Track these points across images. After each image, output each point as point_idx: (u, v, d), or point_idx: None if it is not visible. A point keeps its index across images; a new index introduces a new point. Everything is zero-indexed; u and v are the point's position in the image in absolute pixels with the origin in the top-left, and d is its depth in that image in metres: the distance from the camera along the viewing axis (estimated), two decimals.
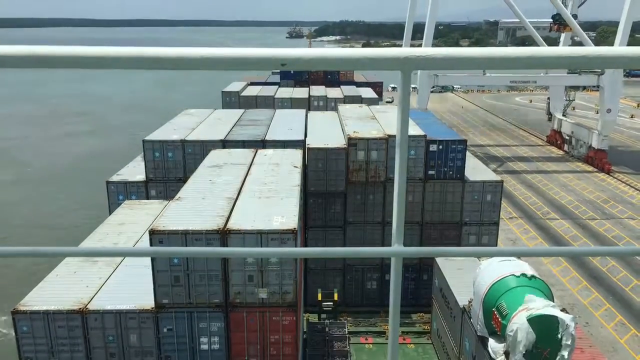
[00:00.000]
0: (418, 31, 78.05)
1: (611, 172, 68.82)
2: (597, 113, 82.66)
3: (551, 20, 76.24)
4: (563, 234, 49.94)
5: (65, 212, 57.62)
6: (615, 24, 73.18)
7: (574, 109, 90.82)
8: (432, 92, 76.74)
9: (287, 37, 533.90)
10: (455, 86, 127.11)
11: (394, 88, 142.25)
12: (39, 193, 64.36)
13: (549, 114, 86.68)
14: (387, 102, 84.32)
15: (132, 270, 20.63)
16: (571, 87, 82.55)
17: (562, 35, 79.38)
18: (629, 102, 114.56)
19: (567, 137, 79.81)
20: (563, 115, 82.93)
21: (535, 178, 67.12)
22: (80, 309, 18.41)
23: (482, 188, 31.60)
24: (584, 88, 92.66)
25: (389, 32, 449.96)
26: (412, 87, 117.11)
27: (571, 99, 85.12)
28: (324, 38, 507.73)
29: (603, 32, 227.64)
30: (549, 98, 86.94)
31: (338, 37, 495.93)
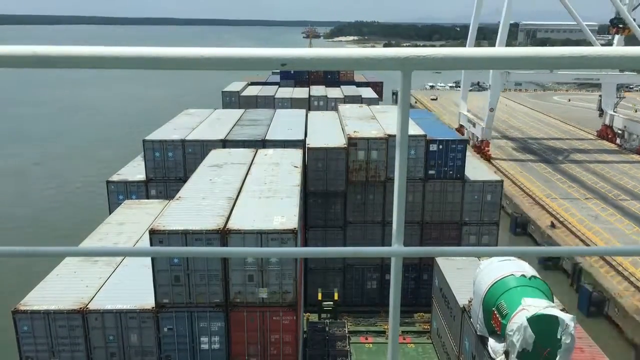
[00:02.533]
0: (436, 32, 79.53)
1: None
2: (636, 112, 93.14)
3: (608, 23, 79.89)
4: None
5: None
6: None
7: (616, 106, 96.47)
8: (470, 90, 79.00)
9: (304, 37, 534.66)
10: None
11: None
12: None
13: (600, 110, 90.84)
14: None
15: (132, 270, 20.63)
16: (622, 85, 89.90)
17: (616, 38, 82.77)
18: None
19: (619, 132, 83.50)
20: (614, 112, 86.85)
21: (596, 167, 70.79)
22: (80, 308, 18.41)
23: (482, 188, 31.58)
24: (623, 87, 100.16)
25: (405, 33, 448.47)
26: (478, 85, 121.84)
27: (622, 96, 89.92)
28: (342, 38, 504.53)
29: None
30: (600, 95, 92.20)
31: (356, 37, 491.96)
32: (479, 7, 78.23)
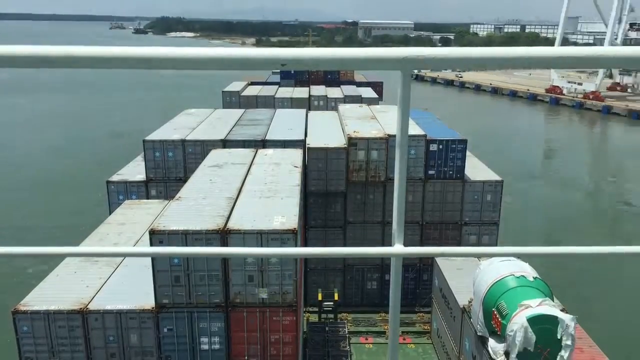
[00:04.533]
0: (276, 29, 78.94)
1: None
2: None
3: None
4: None
5: None
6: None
7: None
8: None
9: (133, 33, 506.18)
10: None
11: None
12: None
13: None
14: None
15: (132, 270, 20.62)
16: None
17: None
18: None
19: None
20: None
21: None
22: (80, 309, 18.40)
23: (482, 188, 31.57)
24: None
25: (244, 30, 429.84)
26: None
27: None
28: (177, 34, 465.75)
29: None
30: None
31: (197, 34, 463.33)
32: (619, 10, 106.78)
